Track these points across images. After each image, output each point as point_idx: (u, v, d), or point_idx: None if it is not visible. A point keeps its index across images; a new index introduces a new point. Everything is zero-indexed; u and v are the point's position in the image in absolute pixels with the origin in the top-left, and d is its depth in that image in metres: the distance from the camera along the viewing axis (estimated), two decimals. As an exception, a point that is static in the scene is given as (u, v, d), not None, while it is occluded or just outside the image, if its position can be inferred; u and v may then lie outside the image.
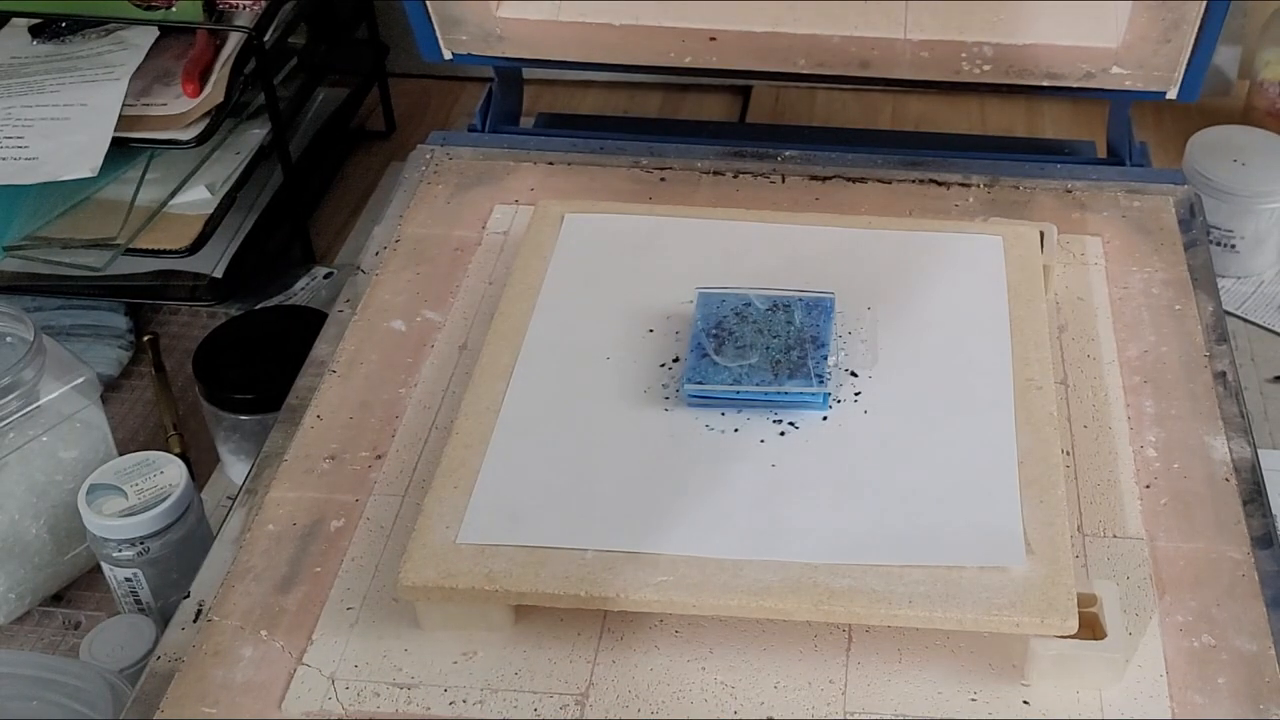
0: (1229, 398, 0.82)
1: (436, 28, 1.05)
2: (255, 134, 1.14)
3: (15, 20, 1.16)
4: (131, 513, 0.83)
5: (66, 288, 1.10)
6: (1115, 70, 1.01)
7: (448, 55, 1.08)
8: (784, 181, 1.00)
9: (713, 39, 1.03)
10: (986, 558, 0.69)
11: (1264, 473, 0.78)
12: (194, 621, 0.71)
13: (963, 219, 0.95)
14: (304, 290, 1.16)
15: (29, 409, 0.87)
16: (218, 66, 1.09)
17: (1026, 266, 0.86)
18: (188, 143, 1.05)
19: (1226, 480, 0.77)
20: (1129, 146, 1.06)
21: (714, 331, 0.80)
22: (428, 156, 1.03)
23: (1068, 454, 0.79)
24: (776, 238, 0.90)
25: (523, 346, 0.82)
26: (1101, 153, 1.14)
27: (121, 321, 1.12)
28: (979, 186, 0.99)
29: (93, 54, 1.11)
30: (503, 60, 1.08)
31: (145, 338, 1.10)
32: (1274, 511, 0.76)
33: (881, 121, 1.35)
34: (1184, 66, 0.99)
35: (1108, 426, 0.81)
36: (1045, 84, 1.03)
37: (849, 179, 1.00)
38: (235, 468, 0.98)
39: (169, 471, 0.85)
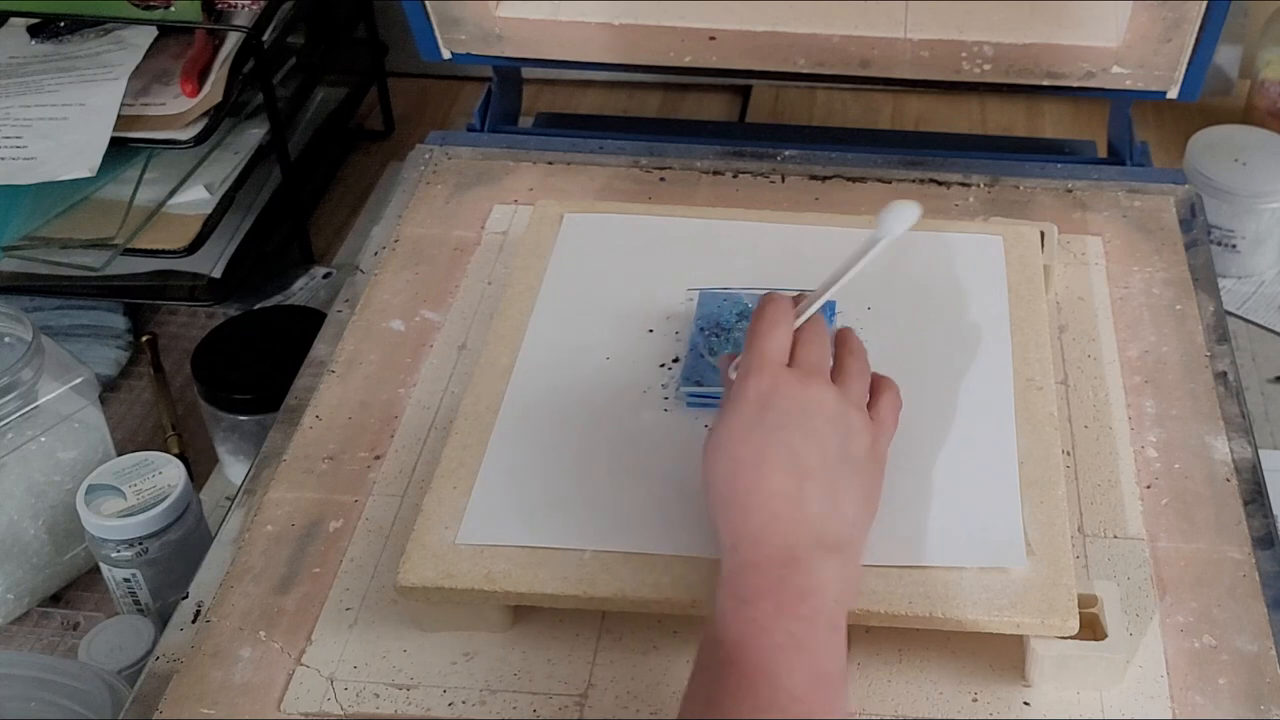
0: (1230, 398, 0.82)
1: (435, 27, 1.05)
2: (254, 134, 1.13)
3: (14, 20, 1.16)
4: (130, 513, 0.83)
5: (65, 288, 1.09)
6: (1116, 70, 1.00)
7: (446, 55, 1.07)
8: (784, 181, 1.00)
9: (712, 38, 1.03)
10: (987, 559, 0.68)
11: (1265, 473, 0.78)
12: (193, 622, 0.71)
13: (963, 219, 0.95)
14: (303, 290, 1.15)
15: (27, 409, 0.87)
16: (216, 66, 1.09)
17: (1027, 266, 0.86)
18: (186, 142, 1.05)
19: (1227, 480, 0.77)
20: (1130, 146, 1.06)
21: (713, 332, 0.80)
22: (426, 156, 1.03)
23: (1068, 454, 0.78)
24: (776, 238, 0.89)
25: (522, 346, 0.81)
26: (1102, 152, 1.14)
27: (120, 322, 1.12)
28: (979, 186, 0.99)
29: (91, 54, 1.11)
30: (502, 59, 1.08)
31: (144, 338, 1.10)
32: (1275, 512, 0.76)
33: (881, 121, 1.35)
34: (1184, 66, 0.99)
35: (1108, 427, 0.80)
36: (1045, 83, 1.02)
37: (849, 179, 1.00)
38: (234, 468, 0.98)
39: (167, 472, 0.85)
